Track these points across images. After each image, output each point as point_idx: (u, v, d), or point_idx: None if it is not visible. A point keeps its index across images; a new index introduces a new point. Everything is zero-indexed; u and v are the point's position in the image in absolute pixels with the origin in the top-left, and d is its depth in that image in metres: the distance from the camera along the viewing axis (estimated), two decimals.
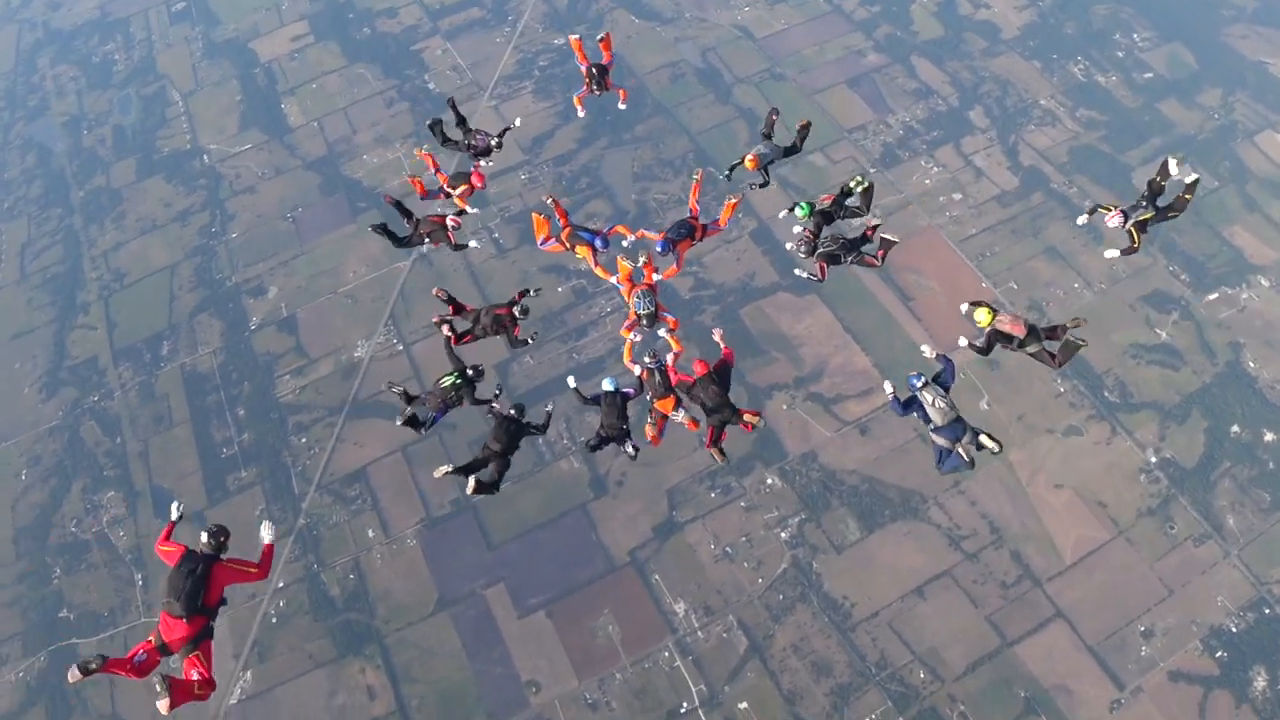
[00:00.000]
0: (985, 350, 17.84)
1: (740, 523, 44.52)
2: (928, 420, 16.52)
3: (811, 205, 20.02)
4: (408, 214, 20.43)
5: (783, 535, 44.18)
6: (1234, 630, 40.98)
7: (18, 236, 60.44)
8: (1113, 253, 19.41)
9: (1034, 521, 43.72)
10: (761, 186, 21.51)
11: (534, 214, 20.57)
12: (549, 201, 20.45)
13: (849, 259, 19.67)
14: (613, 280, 19.01)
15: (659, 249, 19.05)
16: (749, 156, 20.81)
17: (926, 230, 54.67)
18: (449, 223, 20.06)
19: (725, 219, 20.01)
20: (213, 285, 55.72)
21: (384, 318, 52.65)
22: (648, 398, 17.66)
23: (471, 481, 17.32)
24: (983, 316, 17.37)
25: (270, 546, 14.16)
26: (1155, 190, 18.27)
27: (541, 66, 65.49)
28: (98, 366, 53.15)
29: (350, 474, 47.44)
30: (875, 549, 43.54)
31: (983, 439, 16.51)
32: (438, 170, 21.70)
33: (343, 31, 69.88)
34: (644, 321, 18.31)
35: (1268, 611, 41.34)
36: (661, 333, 18.59)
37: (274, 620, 43.73)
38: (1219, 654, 40.46)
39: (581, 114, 24.18)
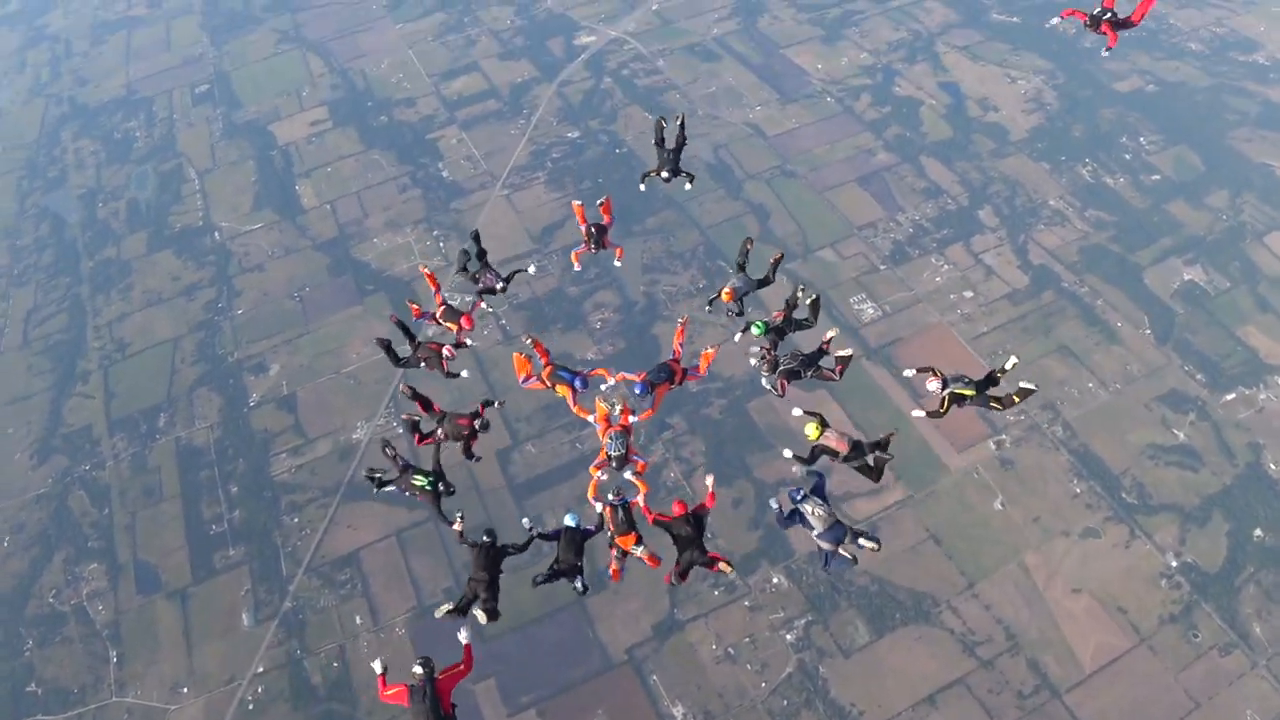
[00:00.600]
0: (809, 461, 18.12)
1: (744, 623, 41.90)
2: (810, 528, 16.81)
3: (766, 324, 20.22)
4: (410, 336, 20.64)
5: (788, 637, 41.47)
6: None
7: (24, 303, 59.23)
8: (919, 413, 19.72)
9: (1051, 627, 41.00)
10: (738, 315, 21.75)
11: (515, 355, 20.68)
12: (529, 342, 20.73)
13: (808, 374, 19.67)
14: (590, 419, 19.13)
15: (638, 390, 19.28)
16: (725, 290, 21.42)
17: (937, 327, 53.11)
18: (445, 353, 20.18)
19: (704, 368, 20.36)
20: (214, 360, 54.13)
21: (385, 400, 50.86)
22: (608, 533, 17.38)
23: (483, 616, 16.62)
24: (811, 431, 17.84)
25: (469, 645, 15.85)
26: (991, 379, 18.62)
27: (554, 158, 65.05)
28: (91, 436, 51.23)
29: (341, 557, 45.04)
30: (885, 654, 40.75)
31: (862, 541, 16.80)
32: (437, 291, 21.76)
33: (361, 119, 69.84)
34: (613, 463, 18.33)
35: None
36: (628, 475, 18.50)
37: (251, 707, 40.92)
38: None
39: (578, 268, 24.70)
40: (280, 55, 77.09)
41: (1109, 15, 21.19)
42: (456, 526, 17.96)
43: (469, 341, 21.56)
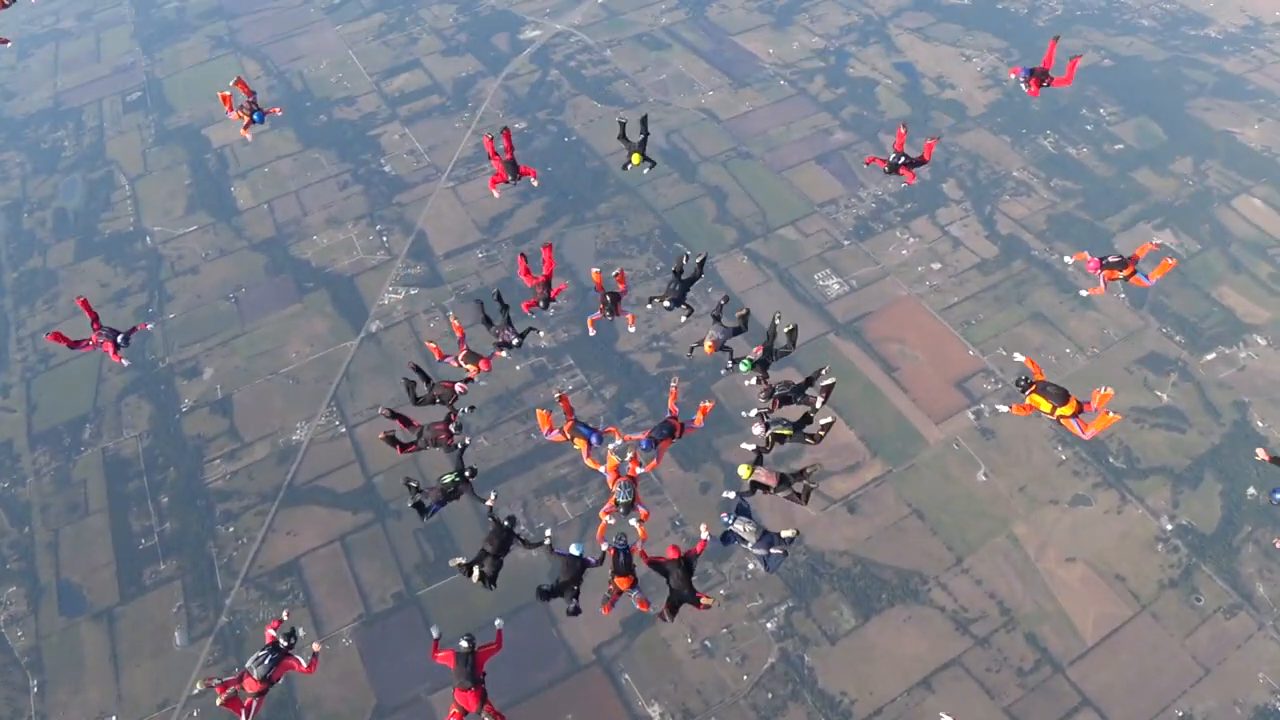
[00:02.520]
0: (748, 494, 19.68)
1: (720, 613, 38.33)
2: (744, 542, 18.48)
3: (752, 361, 21.70)
4: (426, 378, 22.04)
5: (769, 625, 38.01)
6: None
7: None
8: (748, 445, 20.69)
9: (1047, 599, 37.89)
10: (732, 363, 22.95)
11: (538, 410, 21.85)
12: (557, 398, 22.09)
13: (798, 399, 21.53)
14: (601, 470, 20.22)
15: (643, 446, 20.29)
16: (708, 343, 22.74)
17: (906, 300, 50.31)
18: (458, 389, 21.62)
19: (700, 420, 21.24)
20: (144, 366, 49.90)
21: (327, 399, 46.99)
22: (609, 572, 18.44)
23: (477, 571, 18.67)
24: (744, 471, 19.55)
25: (500, 631, 18.17)
26: (806, 419, 20.47)
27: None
28: (11, 451, 46.72)
29: (281, 566, 41.01)
30: (874, 637, 37.39)
31: (782, 533, 18.63)
32: (461, 340, 23.13)
33: (299, 119, 66.13)
34: (621, 509, 19.57)
35: None
36: (632, 521, 19.82)
37: None
38: None
39: (593, 333, 26.13)
40: (215, 60, 73.29)
41: (903, 159, 24.27)
42: (489, 503, 20.07)
43: (479, 380, 23.20)
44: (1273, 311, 49.33)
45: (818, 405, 21.16)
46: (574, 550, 18.70)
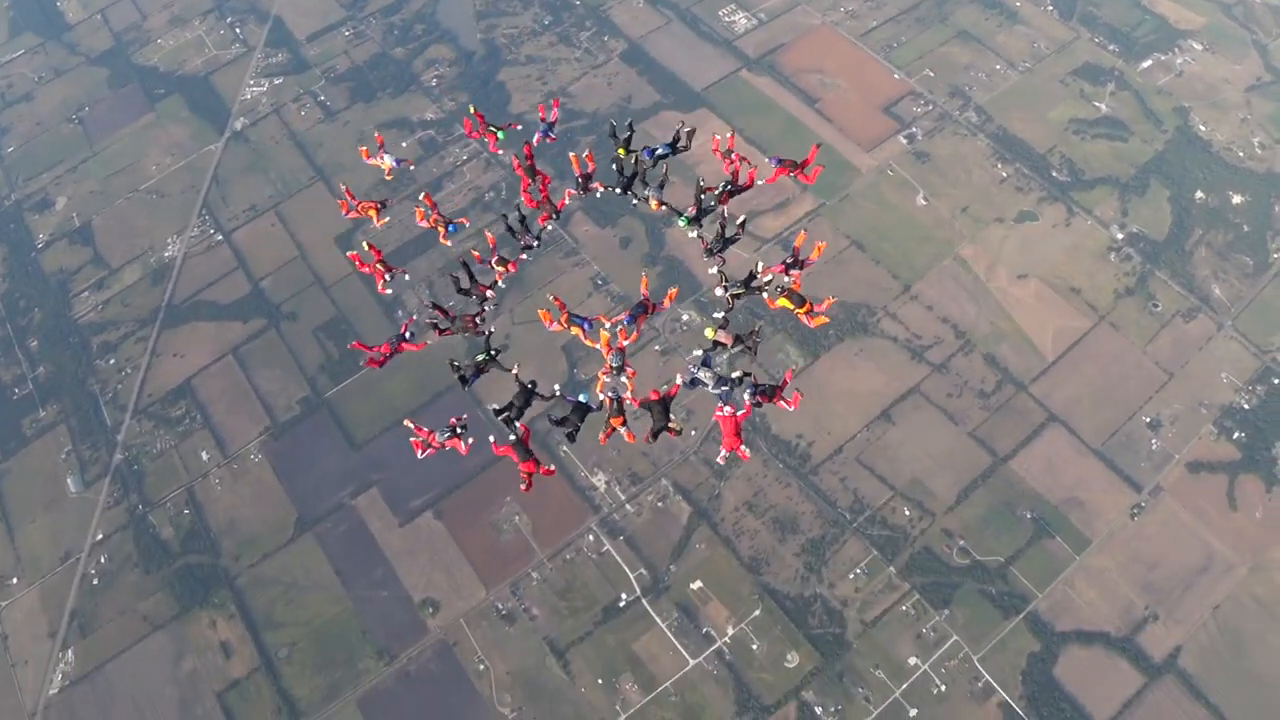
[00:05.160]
0: (710, 352, 20.87)
1: (658, 368, 35.36)
2: (705, 385, 20.13)
3: (689, 218, 22.00)
4: (472, 277, 22.99)
5: None
6: (1246, 408, 33.16)
7: None
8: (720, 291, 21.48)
9: (1003, 319, 34.85)
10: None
11: (540, 310, 22.31)
12: (553, 300, 22.23)
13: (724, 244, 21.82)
14: (597, 346, 21.51)
15: (626, 321, 21.68)
16: (653, 201, 21.49)
17: (821, 29, 45.17)
18: (489, 295, 22.82)
19: (667, 304, 21.75)
20: None
21: (197, 208, 40.92)
22: (606, 414, 19.97)
23: (505, 416, 19.96)
24: (709, 332, 20.64)
25: (525, 426, 19.77)
26: (751, 276, 21.07)
27: None
28: None
29: (173, 390, 36.14)
30: (825, 376, 34.15)
31: (733, 375, 20.17)
32: (494, 248, 23.27)
33: None
34: (614, 370, 21.19)
35: (1277, 382, 33.46)
36: (622, 378, 21.15)
37: (95, 582, 32.77)
38: (1236, 435, 32.56)
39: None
40: None
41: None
42: (514, 371, 20.93)
43: (502, 284, 23.41)
44: (1207, 16, 45.53)
45: (739, 222, 21.45)
46: (581, 398, 20.78)
